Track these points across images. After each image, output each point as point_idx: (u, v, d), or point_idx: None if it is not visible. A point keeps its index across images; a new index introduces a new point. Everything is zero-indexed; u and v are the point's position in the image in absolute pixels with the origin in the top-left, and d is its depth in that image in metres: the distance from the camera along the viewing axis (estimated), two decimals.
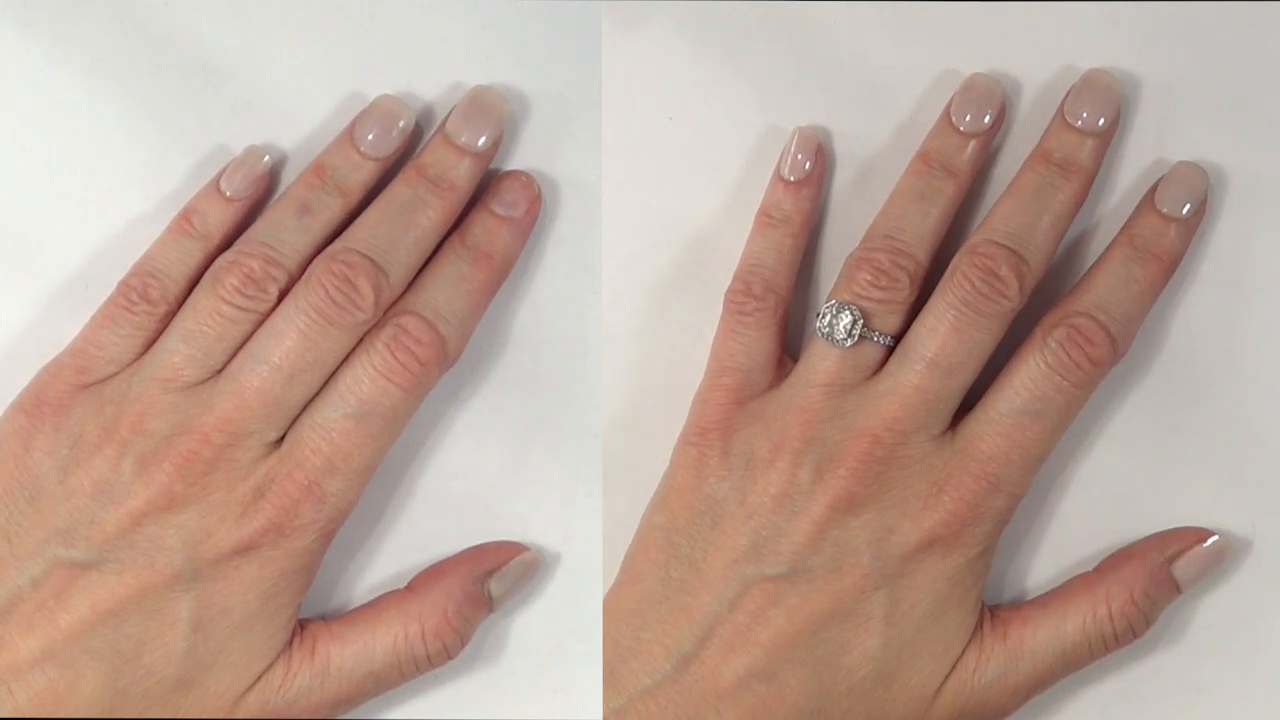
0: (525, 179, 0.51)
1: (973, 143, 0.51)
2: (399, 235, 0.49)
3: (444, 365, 0.49)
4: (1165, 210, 0.50)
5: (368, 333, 0.49)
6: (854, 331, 0.49)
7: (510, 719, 0.53)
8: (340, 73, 0.52)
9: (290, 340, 0.48)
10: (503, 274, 0.51)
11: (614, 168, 0.53)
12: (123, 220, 0.52)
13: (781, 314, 0.51)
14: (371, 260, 0.48)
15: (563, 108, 0.53)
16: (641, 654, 0.49)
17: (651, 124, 0.53)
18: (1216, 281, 0.52)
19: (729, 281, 0.52)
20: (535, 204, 0.51)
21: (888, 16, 0.52)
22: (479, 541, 0.52)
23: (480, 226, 0.51)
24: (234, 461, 0.48)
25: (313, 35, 0.52)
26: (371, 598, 0.52)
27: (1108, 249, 0.51)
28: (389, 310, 0.49)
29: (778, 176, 0.52)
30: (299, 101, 0.52)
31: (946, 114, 0.51)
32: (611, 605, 0.50)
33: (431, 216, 0.50)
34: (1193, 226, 0.51)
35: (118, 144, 0.52)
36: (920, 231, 0.50)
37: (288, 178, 0.52)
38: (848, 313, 0.49)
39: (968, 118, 0.51)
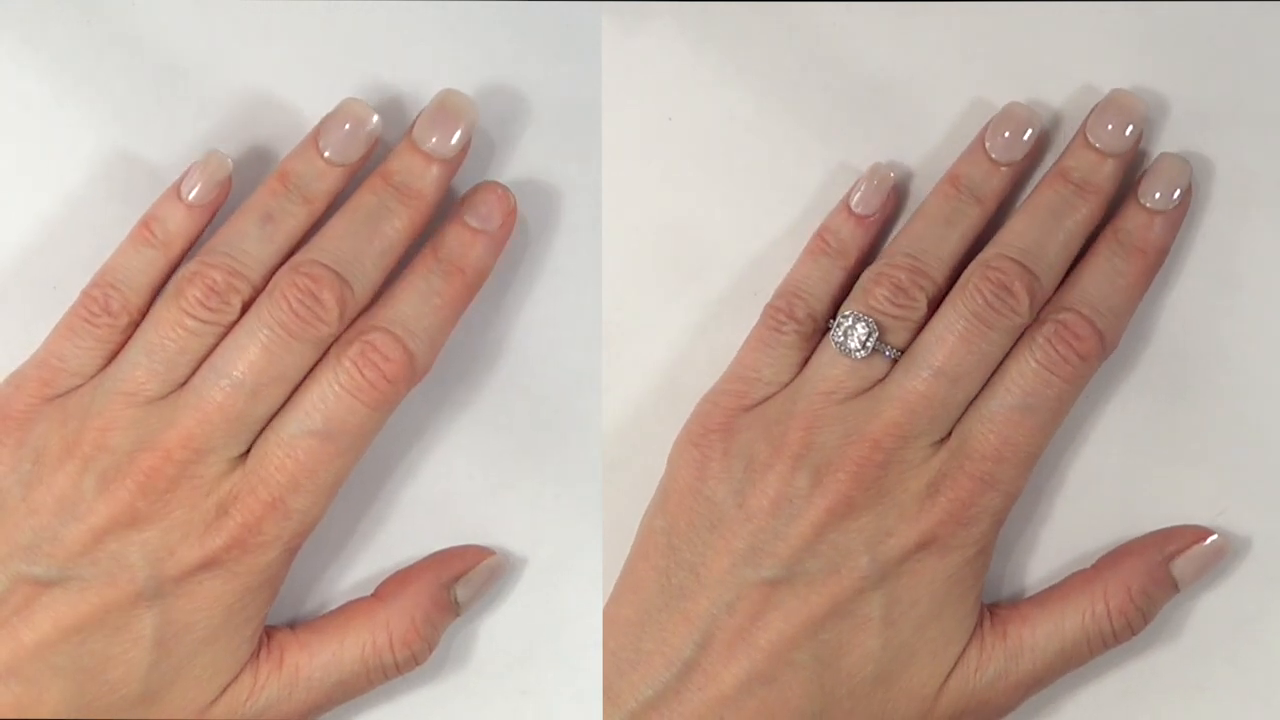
0: (500, 191, 0.50)
1: (1004, 170, 0.51)
2: (364, 246, 0.49)
3: (412, 381, 0.49)
4: (1149, 204, 0.50)
5: (334, 346, 0.48)
6: (869, 344, 0.49)
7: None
8: (319, 74, 0.51)
9: (253, 354, 0.47)
10: (474, 288, 0.50)
11: (614, 168, 0.52)
12: (90, 221, 0.51)
13: (816, 339, 0.51)
14: (335, 272, 0.48)
15: (563, 108, 0.52)
16: (641, 665, 0.49)
17: (651, 124, 0.53)
18: (1211, 277, 0.52)
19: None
20: (510, 217, 0.50)
21: (888, 18, 0.52)
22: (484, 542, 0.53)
23: (454, 239, 0.50)
24: (197, 478, 0.47)
25: (286, 36, 0.51)
26: (345, 601, 0.52)
27: (1094, 244, 0.51)
28: (356, 323, 0.48)
29: (845, 204, 0.52)
30: (274, 102, 0.51)
31: (980, 140, 0.51)
32: (611, 614, 0.50)
33: (398, 226, 0.49)
34: (1178, 218, 0.51)
35: (85, 145, 0.51)
36: (941, 254, 0.50)
37: (257, 181, 0.51)
38: (864, 325, 0.49)
39: (1002, 147, 0.51)
